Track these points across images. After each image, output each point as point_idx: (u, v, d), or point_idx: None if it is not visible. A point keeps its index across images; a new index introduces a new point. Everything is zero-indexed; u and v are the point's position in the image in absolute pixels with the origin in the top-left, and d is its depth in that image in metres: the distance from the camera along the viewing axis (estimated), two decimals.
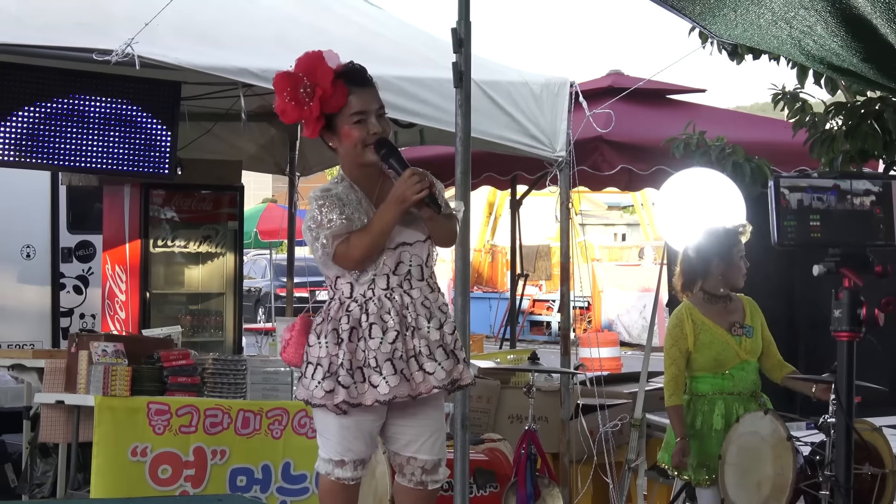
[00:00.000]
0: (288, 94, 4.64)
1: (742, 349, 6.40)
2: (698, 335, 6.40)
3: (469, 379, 4.81)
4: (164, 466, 6.99)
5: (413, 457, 4.83)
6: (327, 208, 4.65)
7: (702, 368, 6.42)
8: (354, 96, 4.67)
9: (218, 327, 10.46)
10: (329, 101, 4.62)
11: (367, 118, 4.68)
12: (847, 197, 4.41)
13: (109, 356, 7.09)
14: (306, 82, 4.62)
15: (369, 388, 4.61)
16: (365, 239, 4.60)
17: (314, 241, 4.65)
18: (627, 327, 24.15)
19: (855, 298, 4.42)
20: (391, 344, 4.62)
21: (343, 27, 7.87)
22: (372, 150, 4.69)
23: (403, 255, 4.71)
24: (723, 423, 6.34)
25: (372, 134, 4.68)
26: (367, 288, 4.66)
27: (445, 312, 4.77)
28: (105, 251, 10.34)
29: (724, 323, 6.43)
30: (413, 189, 4.57)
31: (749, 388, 6.41)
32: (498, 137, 7.70)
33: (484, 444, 7.33)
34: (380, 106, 4.75)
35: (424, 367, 4.66)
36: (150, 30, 6.54)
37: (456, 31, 5.86)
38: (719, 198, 7.10)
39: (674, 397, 6.41)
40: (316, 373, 4.66)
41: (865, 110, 7.79)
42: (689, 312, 6.44)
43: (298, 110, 4.65)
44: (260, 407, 7.16)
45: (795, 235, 4.38)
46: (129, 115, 7.55)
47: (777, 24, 4.31)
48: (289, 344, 4.83)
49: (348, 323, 4.65)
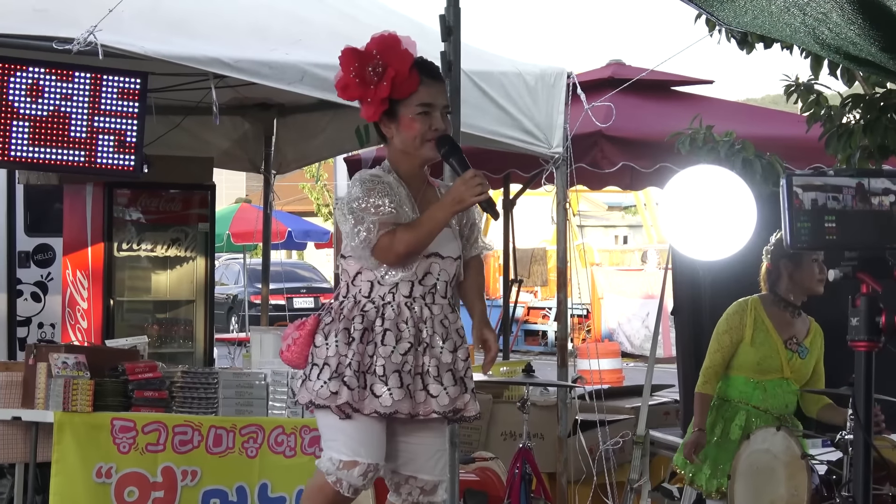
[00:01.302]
0: (354, 70, 4.71)
1: (789, 366, 6.48)
2: (754, 331, 6.48)
3: (473, 412, 4.84)
4: (130, 488, 6.98)
5: (413, 476, 4.85)
6: (378, 193, 4.69)
7: (741, 367, 6.50)
8: (425, 87, 4.76)
9: (187, 337, 10.45)
10: (401, 84, 4.69)
11: (432, 112, 4.76)
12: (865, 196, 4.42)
13: (70, 369, 7.08)
14: (378, 61, 4.68)
15: (370, 396, 4.63)
16: (412, 235, 4.65)
17: (356, 225, 4.66)
18: (629, 337, 24.18)
19: (873, 305, 4.42)
20: (402, 356, 4.66)
21: (322, 14, 7.88)
22: (429, 147, 4.77)
23: (433, 267, 4.76)
24: (740, 434, 6.41)
25: (433, 129, 4.76)
26: (387, 291, 4.71)
27: (462, 336, 4.83)
28: (65, 255, 10.33)
29: (784, 332, 6.53)
30: (473, 191, 4.64)
31: (778, 410, 6.46)
32: (489, 132, 7.71)
33: (475, 464, 7.34)
34: (447, 104, 4.85)
35: (429, 388, 4.69)
36: (114, 16, 6.55)
37: (444, 17, 5.89)
38: (728, 197, 7.11)
39: (707, 385, 6.49)
40: (322, 373, 4.68)
41: (885, 103, 7.80)
42: (755, 306, 6.56)
43: (362, 89, 4.71)
44: (233, 423, 7.16)
45: (809, 237, 4.39)
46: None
47: (790, 10, 4.33)
48: (295, 343, 4.82)
49: (362, 324, 4.68)
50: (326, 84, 7.00)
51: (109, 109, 7.51)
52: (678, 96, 11.36)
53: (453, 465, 5.89)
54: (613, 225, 44.34)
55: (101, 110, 7.49)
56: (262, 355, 7.69)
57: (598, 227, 41.80)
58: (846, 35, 4.48)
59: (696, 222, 6.94)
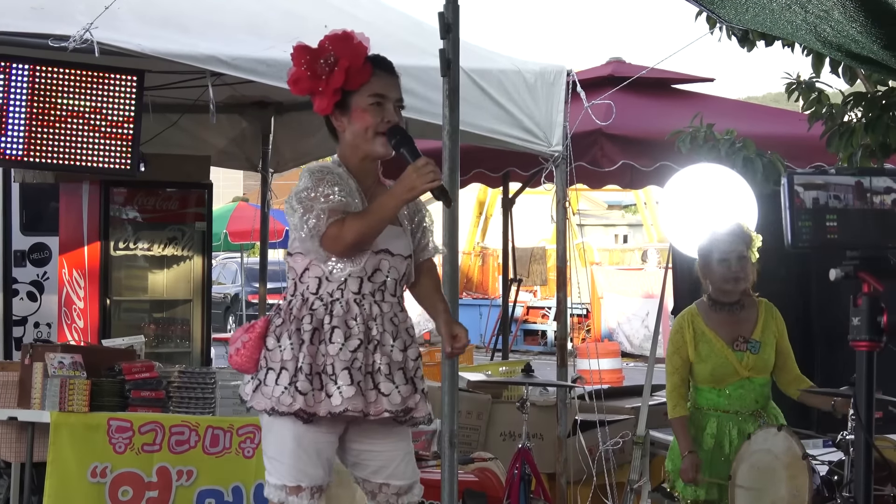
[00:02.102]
0: (305, 63, 4.70)
1: (743, 366, 6.41)
2: (697, 345, 6.44)
3: (423, 413, 4.79)
4: (124, 488, 6.98)
5: (385, 483, 4.83)
6: (326, 183, 4.66)
7: (700, 379, 6.48)
8: (378, 78, 4.75)
9: (184, 337, 10.45)
10: (355, 75, 4.68)
11: (385, 103, 4.74)
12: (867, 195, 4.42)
13: (66, 368, 7.08)
14: (331, 54, 4.68)
15: (325, 397, 4.60)
16: (361, 223, 4.60)
17: (304, 214, 4.61)
18: (629, 337, 24.20)
19: (875, 305, 4.42)
20: (352, 352, 4.61)
21: (319, 11, 7.88)
22: (381, 141, 4.73)
23: (382, 263, 4.72)
24: (712, 443, 6.39)
25: (386, 121, 4.73)
26: (336, 287, 4.66)
27: (412, 336, 4.79)
28: (62, 254, 10.33)
29: (727, 335, 6.44)
30: (425, 178, 4.58)
31: (749, 408, 6.43)
32: (488, 131, 7.71)
33: (474, 464, 7.34)
34: (400, 98, 4.82)
35: (380, 386, 4.65)
36: (110, 14, 6.54)
37: (443, 15, 5.88)
38: (729, 196, 7.11)
39: (677, 409, 6.45)
40: (281, 377, 4.62)
41: (887, 101, 7.80)
42: (691, 320, 6.49)
43: (313, 81, 4.70)
44: (230, 423, 7.16)
45: (811, 237, 4.38)
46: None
47: (791, 8, 4.32)
48: (245, 346, 4.74)
49: (311, 323, 4.63)
50: None
51: (106, 107, 7.51)
52: (679, 94, 11.37)
53: (452, 466, 5.89)
54: (613, 224, 44.37)
55: (97, 108, 7.49)
56: None
57: (597, 226, 41.83)
58: (848, 33, 4.48)
59: (696, 221, 6.94)
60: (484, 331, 24.05)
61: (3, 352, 11.40)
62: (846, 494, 5.73)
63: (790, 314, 7.33)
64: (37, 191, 11.69)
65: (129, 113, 7.58)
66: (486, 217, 26.61)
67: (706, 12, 7.13)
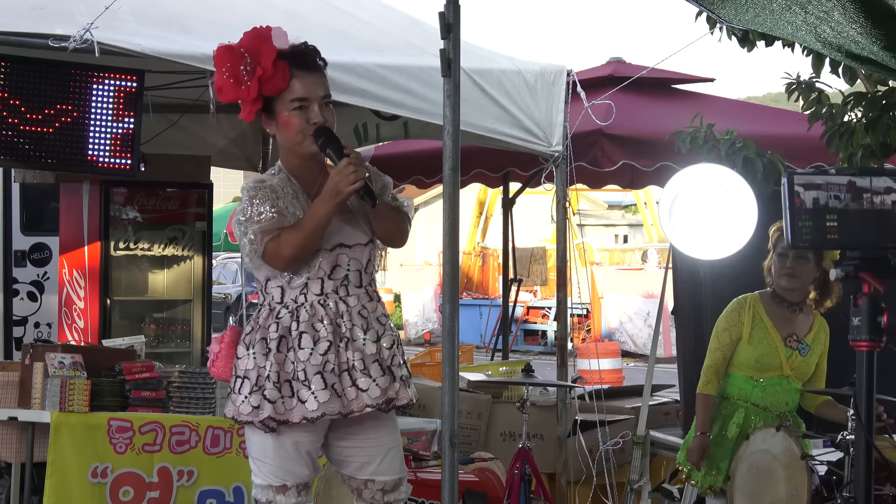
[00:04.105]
0: (227, 70, 4.65)
1: (789, 363, 6.45)
2: (752, 329, 6.46)
3: (405, 399, 4.78)
4: (125, 488, 6.98)
5: (371, 479, 4.82)
6: (259, 200, 4.62)
7: (740, 365, 6.48)
8: (297, 80, 4.66)
9: (185, 337, 10.45)
10: (268, 82, 4.62)
11: (308, 105, 4.66)
12: (867, 195, 4.42)
13: (67, 368, 7.08)
14: (248, 59, 4.61)
15: (297, 403, 4.59)
16: (297, 236, 4.55)
17: (242, 237, 4.62)
18: (632, 336, 24.20)
19: (875, 305, 4.42)
20: (322, 355, 4.60)
21: (320, 11, 7.88)
22: (311, 141, 4.67)
23: (341, 258, 4.68)
24: (737, 432, 6.40)
25: (312, 123, 4.66)
26: (299, 293, 4.65)
27: (384, 324, 4.75)
28: (62, 254, 10.33)
29: (783, 330, 6.50)
30: (348, 179, 4.53)
31: (778, 408, 6.44)
32: (489, 131, 7.71)
33: (474, 464, 7.34)
34: (325, 94, 4.72)
35: (357, 382, 4.64)
36: (110, 14, 6.54)
37: (444, 15, 5.86)
38: (729, 196, 7.11)
39: (709, 385, 6.47)
40: (243, 387, 4.64)
41: (887, 101, 7.80)
42: (753, 303, 6.54)
43: (236, 89, 4.65)
44: (230, 423, 7.14)
45: (811, 237, 4.39)
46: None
47: (791, 8, 4.32)
48: (217, 357, 4.79)
49: (277, 331, 4.63)
50: None
51: (106, 107, 7.51)
52: (679, 94, 11.36)
53: (452, 466, 5.88)
54: (613, 224, 44.34)
55: (97, 108, 7.49)
56: None
57: (598, 226, 41.80)
58: (848, 33, 4.48)
59: (696, 221, 6.95)
60: (484, 331, 24.06)
61: (4, 352, 11.40)
62: (846, 494, 5.73)
63: None
64: (37, 191, 11.69)
65: (129, 113, 7.59)
66: (487, 217, 26.61)
67: (706, 12, 7.14)
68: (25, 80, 7.35)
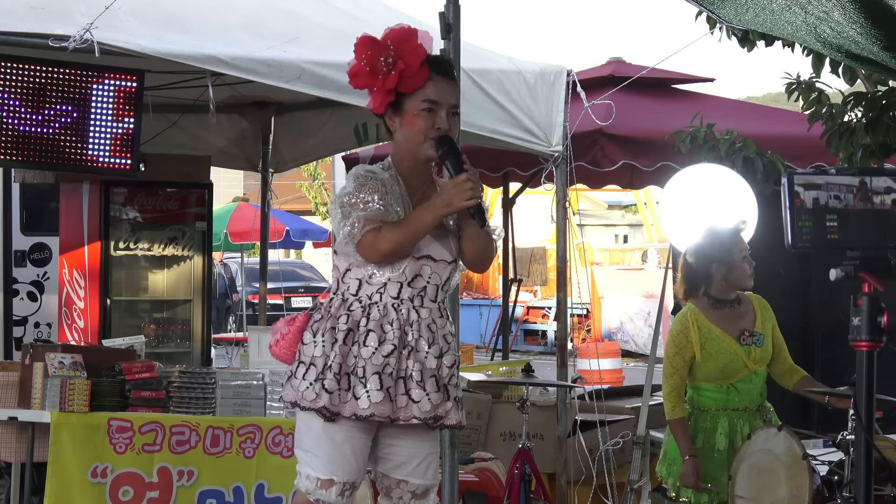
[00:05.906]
0: (366, 59, 4.67)
1: (751, 360, 6.41)
2: (704, 344, 6.41)
3: (454, 420, 4.75)
4: (125, 488, 6.99)
5: (404, 480, 4.81)
6: (369, 189, 4.64)
7: (706, 379, 6.44)
8: (433, 83, 4.69)
9: (185, 337, 10.45)
10: (409, 78, 4.65)
11: (437, 110, 4.69)
12: (867, 195, 4.42)
13: (67, 368, 7.08)
14: (391, 52, 4.65)
15: (351, 398, 4.60)
16: (397, 234, 4.58)
17: (343, 219, 4.62)
18: (633, 336, 24.19)
19: (875, 305, 4.42)
20: (385, 357, 4.60)
21: (320, 11, 7.89)
22: (430, 145, 4.69)
23: (424, 269, 4.69)
24: (727, 442, 6.37)
25: (436, 128, 4.69)
26: (375, 291, 4.66)
27: (449, 343, 4.75)
28: (62, 254, 10.33)
29: (733, 330, 6.44)
30: (464, 195, 4.57)
31: (755, 402, 6.44)
32: (488, 131, 7.71)
33: (474, 464, 7.34)
34: (456, 104, 4.76)
35: (411, 393, 4.63)
36: (110, 14, 6.55)
37: (444, 15, 5.89)
38: (729, 196, 7.12)
39: (676, 409, 6.43)
40: (308, 373, 4.64)
41: (887, 101, 7.81)
42: (695, 318, 6.45)
43: (371, 78, 4.67)
44: (230, 424, 7.16)
45: (811, 237, 4.39)
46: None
47: (791, 8, 4.33)
48: (283, 338, 4.79)
49: (346, 323, 4.64)
50: (324, 82, 7.00)
51: (106, 107, 7.51)
52: (679, 94, 11.37)
53: (452, 466, 5.90)
54: (613, 224, 44.37)
55: (97, 108, 7.50)
56: (260, 355, 7.68)
57: (598, 226, 41.83)
58: (848, 34, 4.49)
59: (696, 221, 6.94)
60: (484, 331, 24.06)
61: (4, 352, 11.41)
62: (846, 494, 5.73)
63: (791, 313, 7.35)
64: (37, 191, 11.69)
65: (128, 113, 7.59)
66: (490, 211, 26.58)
67: (706, 12, 7.14)
68: (25, 80, 7.35)
